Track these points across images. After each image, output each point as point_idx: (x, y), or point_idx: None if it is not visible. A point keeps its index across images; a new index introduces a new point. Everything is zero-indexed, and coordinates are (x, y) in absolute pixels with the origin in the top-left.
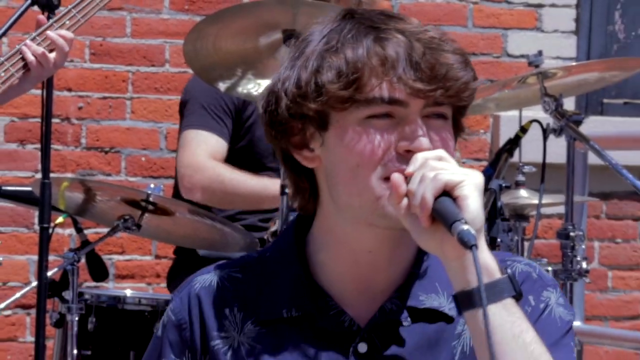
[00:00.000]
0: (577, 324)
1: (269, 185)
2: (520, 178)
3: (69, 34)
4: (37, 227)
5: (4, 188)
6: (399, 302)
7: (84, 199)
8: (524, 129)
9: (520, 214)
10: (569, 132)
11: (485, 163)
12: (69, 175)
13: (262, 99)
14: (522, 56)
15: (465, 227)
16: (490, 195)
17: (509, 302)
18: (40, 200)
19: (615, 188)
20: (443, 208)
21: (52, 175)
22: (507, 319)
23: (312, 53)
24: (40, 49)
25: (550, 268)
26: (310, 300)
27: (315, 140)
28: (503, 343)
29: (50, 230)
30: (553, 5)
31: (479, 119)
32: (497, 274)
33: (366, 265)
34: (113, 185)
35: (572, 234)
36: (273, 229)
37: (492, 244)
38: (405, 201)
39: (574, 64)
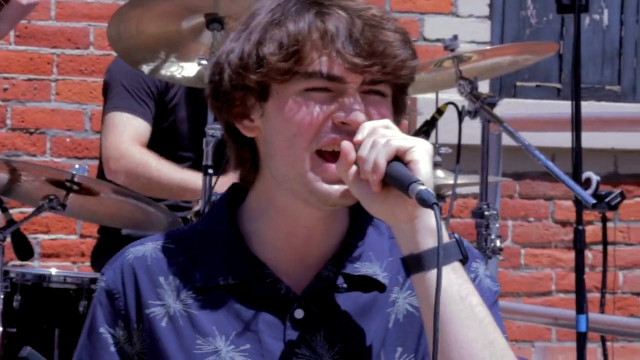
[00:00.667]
0: None
1: (192, 178)
2: (437, 159)
3: None
4: None
5: None
6: (335, 269)
7: (9, 179)
8: (440, 111)
9: (437, 194)
10: (483, 114)
11: None
12: None
13: (208, 71)
14: (438, 40)
15: (424, 187)
16: None
17: (457, 265)
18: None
19: (528, 169)
20: (396, 172)
21: None
22: (455, 281)
23: (257, 26)
24: None
25: None
26: (246, 268)
27: (255, 110)
28: (451, 304)
29: None
30: None
31: None
32: (447, 238)
33: (302, 237)
34: (38, 165)
35: (486, 213)
36: (196, 208)
37: None
38: (354, 168)
39: (488, 47)
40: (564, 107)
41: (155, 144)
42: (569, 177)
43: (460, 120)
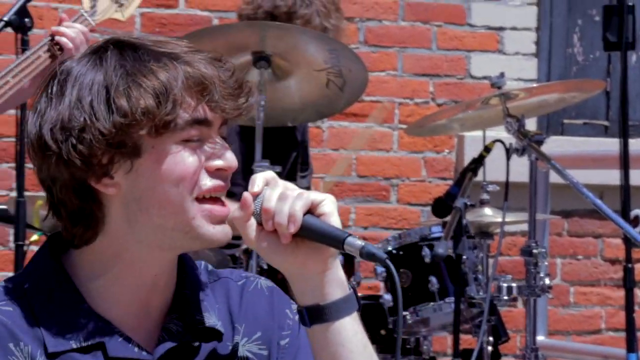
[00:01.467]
0: (540, 338)
1: None
2: (485, 197)
3: (85, 29)
4: (12, 244)
5: None
6: (181, 323)
7: None
8: (487, 149)
9: (484, 232)
10: (531, 151)
11: (450, 182)
12: (44, 193)
13: (52, 131)
14: (485, 78)
15: (363, 241)
16: (456, 213)
17: (356, 315)
18: (16, 218)
19: (576, 206)
20: (318, 225)
21: (26, 193)
22: (357, 330)
23: (117, 81)
24: (76, 30)
25: (514, 284)
26: (95, 328)
27: (121, 168)
28: (356, 352)
29: (25, 248)
30: (514, 29)
31: (444, 139)
32: (347, 288)
33: (148, 288)
34: None
35: (535, 251)
36: (244, 246)
37: (458, 261)
38: (252, 220)
39: (535, 85)
40: (611, 145)
41: None
42: (618, 215)
43: (508, 158)
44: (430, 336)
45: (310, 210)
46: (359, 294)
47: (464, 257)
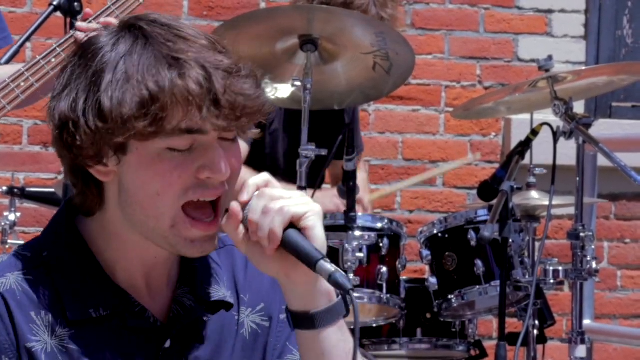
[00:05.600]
0: (587, 322)
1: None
2: (532, 180)
3: (115, 22)
4: None
5: (27, 189)
6: (192, 297)
7: None
8: (534, 132)
9: (531, 215)
10: (578, 134)
11: (497, 165)
12: None
13: (53, 113)
14: (533, 61)
15: (333, 267)
16: (502, 196)
17: (342, 322)
18: (63, 201)
19: (624, 189)
20: (295, 243)
21: None
22: (341, 338)
23: (112, 79)
24: (96, 28)
25: (561, 268)
26: (113, 297)
27: (111, 160)
28: None
29: None
30: (562, 11)
31: (490, 122)
32: (334, 297)
33: (150, 264)
34: None
35: (582, 234)
36: None
37: (504, 245)
38: (241, 228)
39: (583, 68)
40: None
41: (256, 168)
42: None
43: (555, 141)
44: (475, 320)
45: (293, 224)
46: (404, 277)
47: (510, 240)
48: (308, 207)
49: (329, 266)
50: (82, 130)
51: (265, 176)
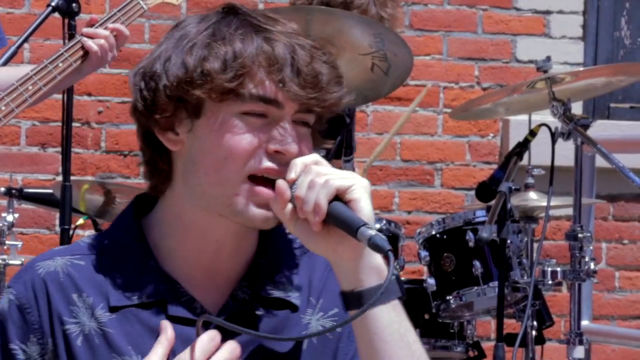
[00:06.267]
0: (585, 322)
1: None
2: (530, 181)
3: (124, 29)
4: (58, 228)
5: (26, 190)
6: (250, 291)
7: (103, 201)
8: (533, 133)
9: (529, 216)
10: (576, 135)
11: (495, 166)
12: (89, 178)
13: (136, 73)
14: (531, 61)
15: (374, 232)
16: (500, 197)
17: (397, 303)
18: (61, 202)
19: (622, 190)
20: (340, 213)
21: (72, 178)
22: (395, 319)
23: (199, 40)
24: (102, 40)
25: (559, 269)
26: (160, 286)
27: (183, 125)
28: (391, 342)
29: (71, 232)
30: (560, 12)
31: (488, 123)
32: (386, 276)
33: (212, 254)
34: (132, 187)
35: (580, 235)
36: None
37: (503, 245)
38: (289, 206)
39: (581, 69)
40: None
41: None
42: None
43: (554, 142)
44: (473, 320)
45: (339, 196)
46: (403, 278)
47: (508, 241)
48: (354, 180)
49: (370, 231)
50: (162, 84)
51: (314, 156)
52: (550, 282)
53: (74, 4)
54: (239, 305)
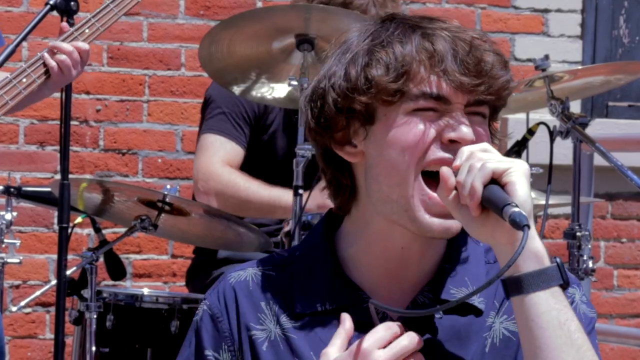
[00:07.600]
0: None
1: (282, 196)
2: None
3: (84, 46)
4: (56, 226)
5: (24, 189)
6: (431, 295)
7: (102, 199)
8: (531, 131)
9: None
10: (575, 134)
11: None
12: (88, 176)
13: (306, 97)
14: (529, 60)
15: (517, 209)
16: None
17: (556, 290)
18: (60, 200)
19: (621, 189)
20: (492, 195)
21: (71, 176)
22: (554, 306)
23: (360, 49)
24: (64, 56)
25: None
26: (343, 293)
27: (358, 135)
28: (549, 329)
29: (70, 230)
30: (559, 11)
31: None
32: (547, 262)
33: (398, 260)
34: (130, 186)
35: (578, 233)
36: (286, 229)
37: None
38: (454, 193)
39: (579, 67)
40: None
41: (253, 170)
42: None
43: (552, 141)
44: None
45: (496, 180)
46: None
47: None
48: (511, 163)
49: (513, 209)
50: (330, 98)
51: (483, 144)
52: None
53: (72, 3)
54: (418, 308)
